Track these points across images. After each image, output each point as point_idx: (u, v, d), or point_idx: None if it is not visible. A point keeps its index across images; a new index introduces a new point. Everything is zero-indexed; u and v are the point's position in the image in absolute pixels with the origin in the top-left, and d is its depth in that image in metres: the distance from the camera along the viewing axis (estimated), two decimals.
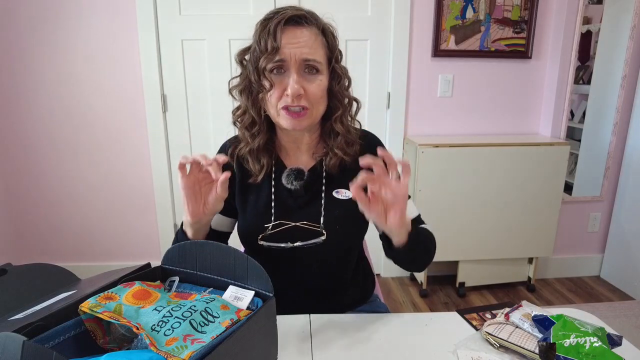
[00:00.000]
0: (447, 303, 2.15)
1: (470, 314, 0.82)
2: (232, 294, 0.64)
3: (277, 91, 0.79)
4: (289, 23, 0.78)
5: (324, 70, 0.81)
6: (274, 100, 0.79)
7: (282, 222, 0.86)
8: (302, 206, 0.88)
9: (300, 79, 0.77)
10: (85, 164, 2.17)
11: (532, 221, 2.10)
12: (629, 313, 2.04)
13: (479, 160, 1.99)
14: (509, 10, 2.10)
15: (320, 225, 0.85)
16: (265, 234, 0.85)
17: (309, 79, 0.79)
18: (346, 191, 0.87)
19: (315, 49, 0.79)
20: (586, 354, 0.63)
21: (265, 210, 0.88)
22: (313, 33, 0.79)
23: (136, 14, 1.98)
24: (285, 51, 0.76)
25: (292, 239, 0.83)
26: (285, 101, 0.78)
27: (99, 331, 0.58)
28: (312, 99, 0.79)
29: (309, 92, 0.79)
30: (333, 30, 0.84)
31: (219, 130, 2.14)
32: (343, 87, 0.85)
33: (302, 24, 0.78)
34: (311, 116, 0.81)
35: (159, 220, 2.26)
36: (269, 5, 2.01)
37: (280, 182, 0.88)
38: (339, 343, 0.73)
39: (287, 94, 0.77)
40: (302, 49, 0.77)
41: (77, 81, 2.06)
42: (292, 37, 0.77)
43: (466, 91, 2.19)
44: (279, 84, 0.78)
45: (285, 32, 0.77)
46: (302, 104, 0.78)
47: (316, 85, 0.79)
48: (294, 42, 0.77)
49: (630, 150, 2.22)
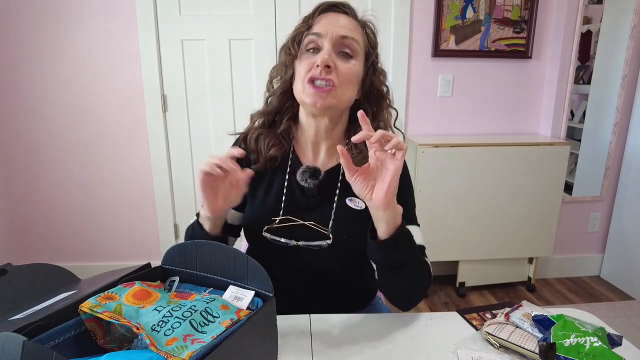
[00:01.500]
0: (447, 303, 2.15)
1: (471, 314, 0.82)
2: (232, 294, 0.64)
3: (307, 65, 0.78)
4: (332, 9, 0.80)
5: (360, 57, 0.81)
6: (302, 74, 0.78)
7: (289, 217, 0.84)
8: (313, 206, 0.86)
9: (332, 55, 0.77)
10: (85, 163, 2.17)
11: (532, 221, 2.10)
12: (629, 313, 2.04)
13: (479, 160, 1.99)
14: (509, 10, 2.10)
15: (328, 230, 0.83)
16: (270, 226, 0.83)
17: (342, 59, 0.78)
18: (360, 201, 0.83)
19: (355, 32, 0.79)
20: (586, 354, 0.63)
21: (275, 203, 0.86)
22: (355, 22, 0.81)
23: (136, 14, 1.99)
24: (323, 27, 0.78)
25: (297, 237, 0.82)
26: (313, 73, 0.76)
27: (99, 331, 0.58)
28: (341, 78, 0.77)
29: (340, 70, 0.77)
30: (374, 29, 0.85)
31: (219, 130, 2.14)
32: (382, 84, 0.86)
33: (346, 13, 0.81)
34: (336, 96, 0.78)
35: (159, 220, 2.26)
36: (269, 5, 2.01)
37: (293, 178, 0.86)
38: (339, 343, 0.73)
39: (317, 65, 0.75)
40: (340, 28, 0.78)
41: (78, 81, 2.06)
42: (333, 19, 0.79)
43: (466, 91, 2.19)
44: (310, 60, 0.78)
45: (327, 15, 0.80)
46: (330, 77, 0.76)
47: (348, 66, 0.78)
48: (334, 22, 0.78)
49: (630, 150, 2.22)
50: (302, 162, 0.88)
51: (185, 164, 2.20)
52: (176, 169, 2.21)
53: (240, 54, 2.07)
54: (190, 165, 2.20)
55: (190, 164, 2.20)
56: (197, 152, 2.18)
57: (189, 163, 2.20)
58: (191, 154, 2.19)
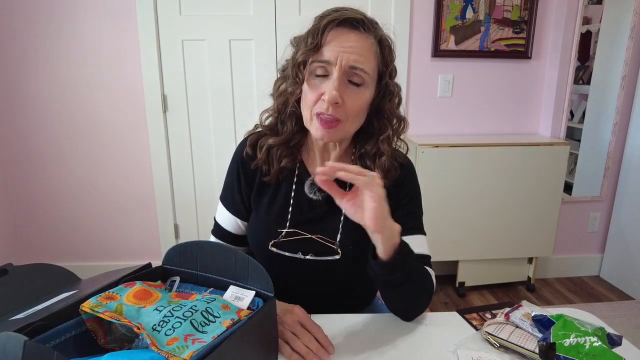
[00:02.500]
0: (447, 303, 2.15)
1: (470, 314, 0.82)
2: (232, 294, 0.64)
3: (315, 94, 0.73)
4: (344, 25, 0.72)
5: (370, 85, 0.75)
6: (309, 103, 0.75)
7: (297, 231, 0.82)
8: (320, 218, 0.84)
9: (341, 86, 0.72)
10: (86, 163, 2.17)
11: (532, 221, 2.10)
12: (628, 313, 2.04)
13: (479, 160, 1.99)
14: (508, 10, 2.10)
15: (337, 243, 0.81)
16: (277, 240, 0.82)
17: (351, 89, 0.73)
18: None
19: (367, 58, 0.73)
20: (586, 354, 0.63)
21: (281, 215, 0.84)
22: (368, 42, 0.73)
23: (136, 14, 1.99)
24: (332, 53, 0.71)
25: (305, 251, 0.81)
26: (320, 107, 0.73)
27: (99, 331, 0.58)
28: (349, 112, 0.74)
29: (347, 104, 0.73)
30: (391, 44, 0.78)
31: (219, 130, 2.14)
32: (394, 105, 0.80)
33: (359, 29, 0.73)
34: (343, 130, 0.76)
35: (160, 220, 2.26)
36: (269, 5, 2.01)
37: (301, 188, 0.84)
38: (339, 343, 0.73)
39: (324, 99, 0.72)
40: (351, 54, 0.71)
41: (78, 81, 2.06)
42: (344, 40, 0.71)
43: (466, 91, 2.20)
44: (318, 88, 0.73)
45: (337, 33, 0.72)
46: (336, 114, 0.72)
47: (357, 98, 0.74)
48: (345, 45, 0.71)
49: (630, 150, 2.22)
50: (310, 171, 0.86)
51: (186, 164, 2.20)
52: (176, 169, 2.21)
53: (240, 54, 2.07)
54: (190, 165, 2.20)
55: (190, 164, 2.20)
56: (197, 152, 2.18)
57: (189, 163, 2.20)
58: (191, 154, 2.19)
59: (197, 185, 2.23)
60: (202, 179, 2.22)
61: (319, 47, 0.72)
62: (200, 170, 2.21)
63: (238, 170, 0.87)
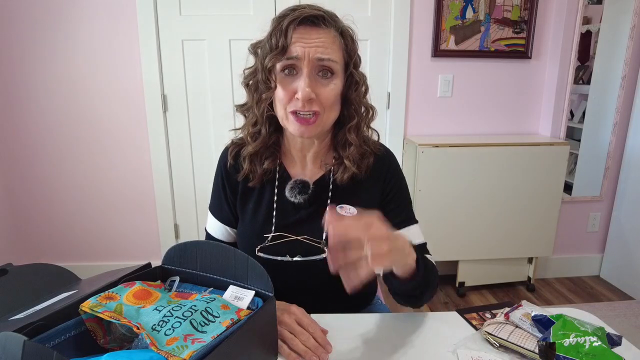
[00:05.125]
0: (446, 303, 2.15)
1: (470, 314, 0.82)
2: (232, 294, 0.64)
3: (287, 93, 0.74)
4: (305, 23, 0.73)
5: (340, 74, 0.76)
6: (283, 102, 0.75)
7: (282, 234, 0.83)
8: (305, 219, 0.84)
9: (312, 82, 0.73)
10: (85, 163, 2.17)
11: (532, 221, 2.10)
12: (628, 313, 2.04)
13: (479, 160, 2.00)
14: (508, 10, 2.10)
15: (322, 242, 0.81)
16: (264, 245, 0.82)
17: (322, 82, 0.74)
18: (350, 207, 0.81)
19: (333, 49, 0.74)
20: (586, 354, 0.63)
21: (266, 219, 0.85)
22: (331, 35, 0.74)
23: (136, 14, 1.98)
24: (298, 49, 0.71)
25: (292, 253, 0.81)
26: (295, 105, 0.74)
27: (99, 331, 0.58)
28: (325, 104, 0.75)
29: (321, 97, 0.74)
30: (352, 34, 0.79)
31: (219, 130, 2.14)
32: (360, 94, 0.81)
33: (319, 25, 0.73)
34: (321, 123, 0.76)
35: (159, 220, 2.26)
36: (269, 5, 2.01)
37: (283, 192, 0.85)
38: (338, 343, 0.73)
39: (298, 97, 0.73)
40: (317, 47, 0.72)
41: (78, 81, 2.06)
42: (307, 37, 0.72)
43: (466, 91, 2.19)
44: (289, 86, 0.74)
45: (299, 31, 0.72)
46: (313, 108, 0.74)
47: (330, 89, 0.75)
48: (309, 41, 0.72)
49: (630, 150, 2.22)
50: (290, 174, 0.86)
51: (186, 164, 2.20)
52: (176, 169, 2.21)
53: (241, 54, 2.07)
54: (190, 165, 2.20)
55: (190, 164, 2.20)
56: (197, 152, 2.18)
57: (189, 163, 2.20)
58: (191, 154, 2.19)
59: (197, 185, 2.23)
60: (202, 179, 2.22)
61: (285, 48, 0.72)
62: (200, 170, 2.21)
63: (222, 180, 0.89)
